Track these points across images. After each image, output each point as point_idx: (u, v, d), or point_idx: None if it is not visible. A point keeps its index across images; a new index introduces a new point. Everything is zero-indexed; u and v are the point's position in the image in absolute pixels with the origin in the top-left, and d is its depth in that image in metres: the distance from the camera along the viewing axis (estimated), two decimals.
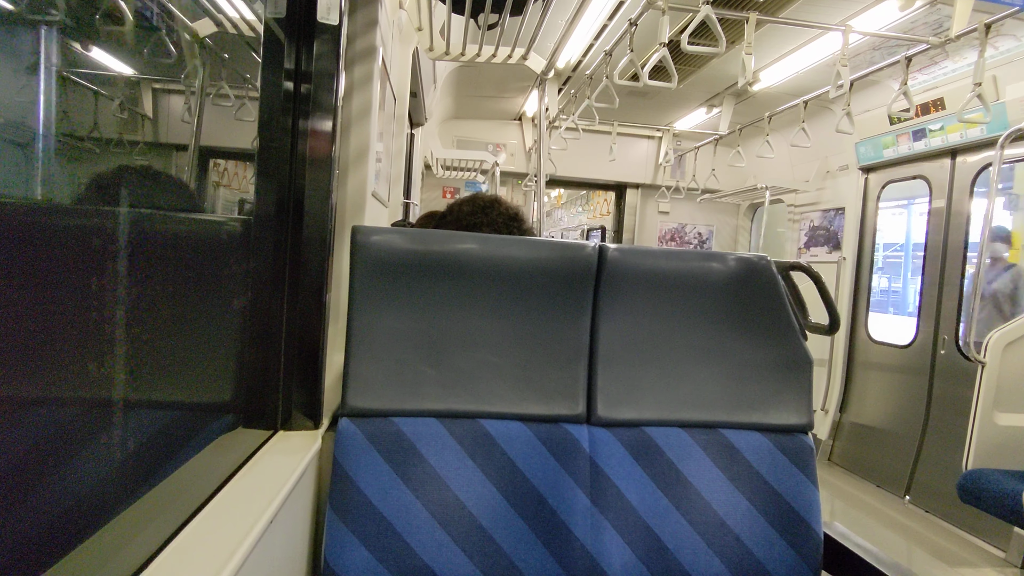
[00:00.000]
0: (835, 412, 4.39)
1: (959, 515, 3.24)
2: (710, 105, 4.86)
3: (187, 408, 0.88)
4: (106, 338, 0.64)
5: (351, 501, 1.04)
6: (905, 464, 3.76)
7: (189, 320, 0.87)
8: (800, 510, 1.17)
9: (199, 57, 0.87)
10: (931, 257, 3.81)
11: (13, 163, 0.53)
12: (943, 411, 3.64)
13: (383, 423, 1.09)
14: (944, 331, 3.67)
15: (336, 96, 1.16)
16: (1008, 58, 3.09)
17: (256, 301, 1.08)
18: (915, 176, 3.97)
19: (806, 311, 1.29)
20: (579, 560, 1.09)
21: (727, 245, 6.17)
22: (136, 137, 0.75)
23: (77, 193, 0.62)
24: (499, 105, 5.32)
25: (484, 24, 2.11)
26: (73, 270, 0.58)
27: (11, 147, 0.53)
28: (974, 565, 2.90)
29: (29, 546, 0.53)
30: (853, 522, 3.43)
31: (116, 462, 0.68)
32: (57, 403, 0.57)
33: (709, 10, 2.35)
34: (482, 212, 1.44)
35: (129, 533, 0.67)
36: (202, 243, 0.93)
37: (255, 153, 1.09)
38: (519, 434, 1.13)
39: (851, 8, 2.97)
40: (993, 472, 2.43)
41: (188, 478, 0.82)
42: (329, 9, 1.15)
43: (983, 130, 3.27)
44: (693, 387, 1.22)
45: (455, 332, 1.14)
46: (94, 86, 0.62)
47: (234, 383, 1.05)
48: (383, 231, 1.13)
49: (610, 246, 1.18)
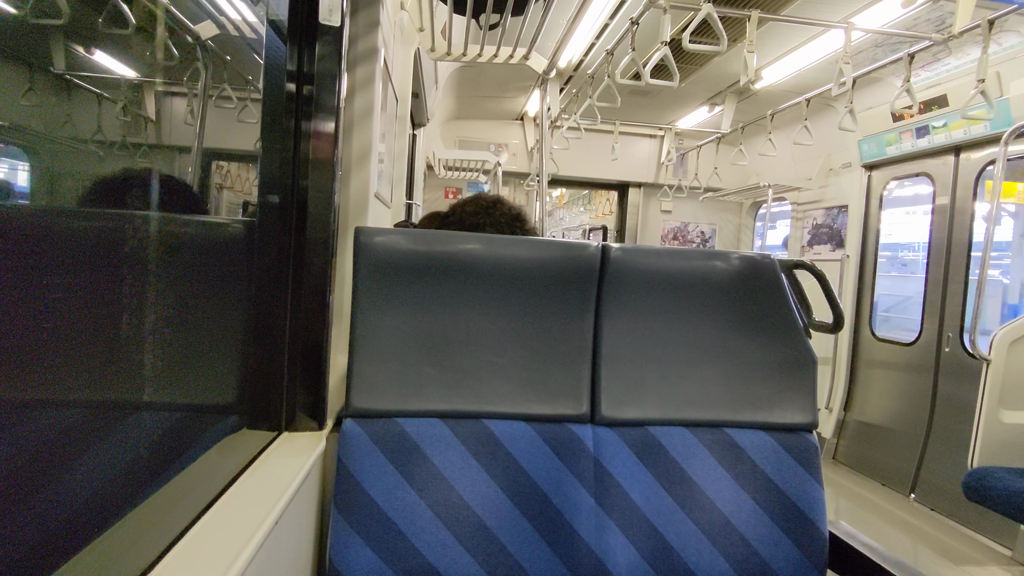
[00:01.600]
0: (839, 410, 4.38)
1: (965, 513, 3.23)
2: (712, 103, 4.85)
3: (192, 410, 0.89)
4: (111, 341, 0.65)
5: (355, 502, 1.04)
6: (910, 462, 3.75)
7: (193, 322, 0.87)
8: (805, 509, 1.16)
9: (201, 60, 0.87)
10: (935, 254, 3.80)
11: (14, 166, 0.53)
12: (948, 409, 3.63)
13: (387, 424, 1.09)
14: (949, 328, 3.66)
15: (338, 97, 1.17)
16: (1012, 54, 3.07)
17: (260, 303, 1.09)
18: (918, 173, 3.96)
19: (810, 309, 1.29)
20: (584, 560, 1.09)
21: (730, 244, 6.16)
22: (139, 140, 0.75)
23: (80, 196, 0.62)
24: (501, 105, 5.31)
25: (485, 24, 2.11)
26: (78, 273, 0.59)
27: (13, 150, 0.53)
28: (980, 563, 2.89)
29: (37, 547, 0.53)
30: (858, 520, 3.42)
31: (123, 463, 0.68)
32: (64, 405, 0.57)
33: (710, 8, 2.35)
34: (485, 212, 1.43)
35: (137, 534, 0.67)
36: (206, 245, 0.93)
37: (258, 155, 1.09)
38: (523, 434, 1.13)
39: (853, 5, 2.96)
40: (999, 470, 2.43)
41: (194, 479, 0.82)
42: (331, 10, 1.15)
43: (987, 127, 3.26)
44: (697, 386, 1.21)
45: (458, 332, 1.14)
46: (97, 89, 0.62)
47: (238, 385, 1.05)
48: (386, 232, 1.14)
49: (613, 245, 1.18)
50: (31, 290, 0.51)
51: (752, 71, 2.60)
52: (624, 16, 3.16)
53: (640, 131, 5.76)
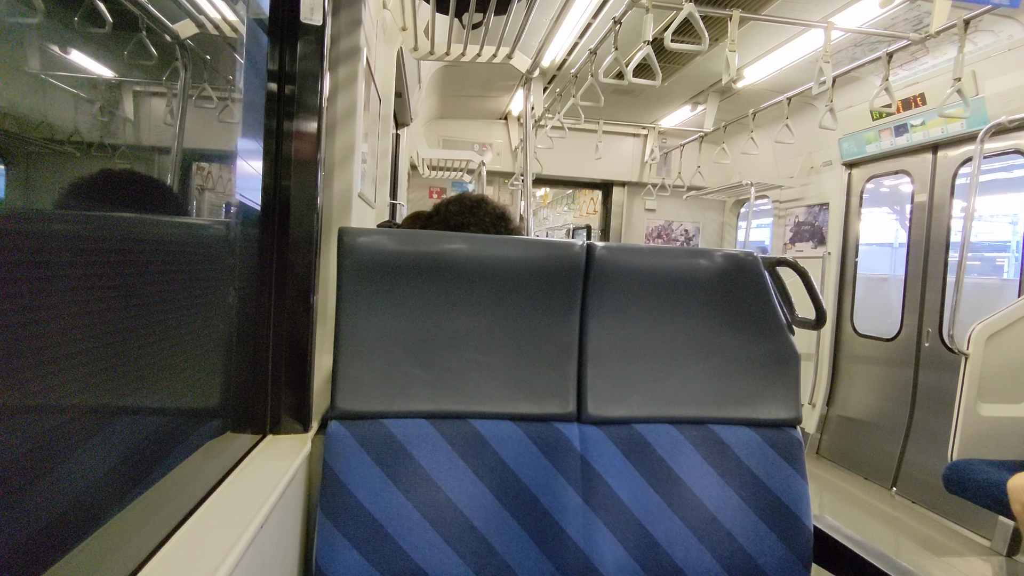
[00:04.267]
0: (822, 406, 4.43)
1: (945, 505, 3.28)
2: (695, 102, 4.88)
3: (174, 413, 0.87)
4: (90, 343, 0.63)
5: (342, 504, 1.03)
6: (892, 456, 3.81)
7: (174, 325, 0.86)
8: (790, 504, 1.18)
9: (180, 59, 0.86)
10: (914, 250, 3.86)
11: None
12: (928, 403, 3.68)
13: (373, 425, 1.08)
14: (928, 324, 3.72)
15: (321, 97, 1.16)
16: (986, 53, 3.13)
17: (243, 304, 1.07)
18: (898, 171, 4.01)
19: (793, 306, 1.30)
20: (572, 559, 1.09)
21: (713, 241, 6.21)
22: (117, 140, 0.74)
23: (59, 198, 0.61)
24: (484, 104, 5.31)
25: (468, 23, 2.10)
26: (56, 275, 0.58)
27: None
28: (960, 554, 2.94)
29: (12, 555, 0.52)
30: (842, 514, 3.47)
31: (102, 469, 0.67)
32: (41, 410, 0.56)
33: (692, 8, 2.36)
34: (469, 212, 1.43)
35: (117, 541, 0.66)
36: (187, 247, 0.92)
37: (240, 155, 1.08)
38: (510, 434, 1.13)
39: (833, 5, 3.00)
40: (978, 462, 2.47)
41: (176, 484, 0.81)
42: (312, 9, 1.14)
43: (963, 125, 3.32)
44: (682, 383, 1.22)
45: (444, 332, 1.14)
46: (73, 88, 0.61)
47: (222, 387, 1.03)
48: (370, 232, 1.13)
49: (598, 244, 1.18)
50: (5, 295, 0.50)
51: (734, 70, 2.62)
52: (607, 16, 3.17)
53: (623, 130, 5.79)
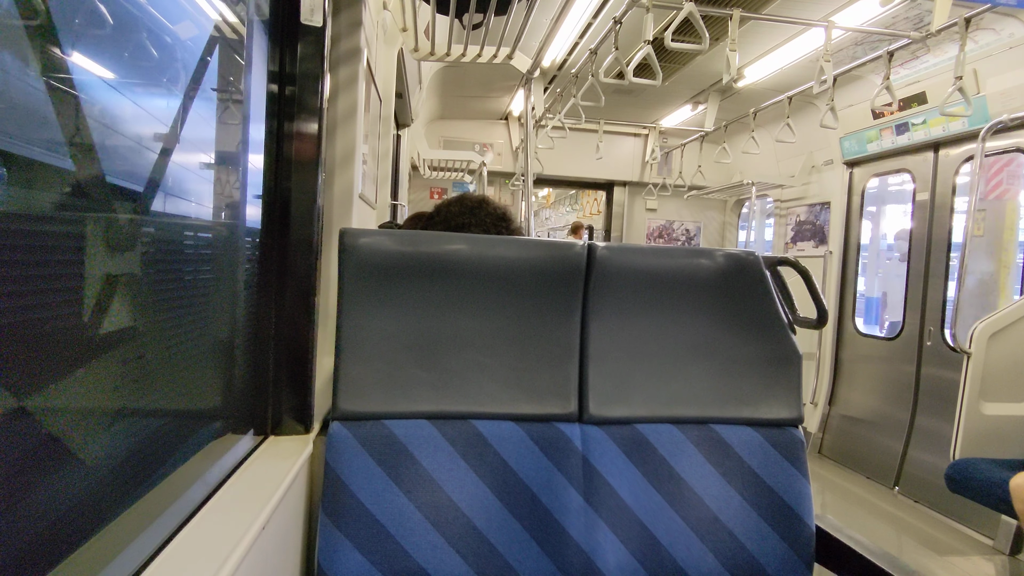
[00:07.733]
0: (824, 405, 4.43)
1: (948, 505, 3.28)
2: (695, 102, 4.88)
3: (177, 415, 0.87)
4: (94, 345, 0.64)
5: (343, 505, 1.03)
6: (894, 455, 3.80)
7: (177, 327, 0.86)
8: (792, 503, 1.17)
9: (180, 60, 0.86)
10: (916, 249, 3.85)
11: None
12: (930, 402, 3.68)
13: (374, 426, 1.08)
14: (930, 322, 3.71)
15: (321, 98, 1.16)
16: (988, 52, 3.12)
17: (244, 306, 1.08)
18: (899, 170, 4.01)
19: (794, 305, 1.30)
20: (574, 559, 1.09)
21: (714, 241, 6.21)
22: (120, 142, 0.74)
23: (62, 200, 0.61)
24: (485, 105, 5.31)
25: (469, 24, 2.10)
26: (60, 277, 0.58)
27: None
28: (963, 553, 2.94)
29: (16, 557, 0.52)
30: (844, 514, 3.46)
31: (106, 470, 0.67)
32: (45, 411, 0.56)
33: (692, 7, 2.36)
34: (470, 212, 1.43)
35: (120, 541, 0.66)
36: (188, 248, 0.92)
37: (240, 156, 1.08)
38: (511, 434, 1.12)
39: (833, 4, 3.00)
40: (980, 461, 2.46)
41: (179, 485, 0.81)
42: (312, 11, 1.14)
43: (965, 123, 3.31)
44: (684, 383, 1.22)
45: (445, 333, 1.14)
46: (74, 90, 0.61)
47: (224, 389, 1.04)
48: (371, 233, 1.13)
49: (599, 244, 1.18)
50: (5, 296, 0.51)
51: (734, 69, 2.62)
52: (607, 15, 3.17)
53: (624, 130, 5.79)
